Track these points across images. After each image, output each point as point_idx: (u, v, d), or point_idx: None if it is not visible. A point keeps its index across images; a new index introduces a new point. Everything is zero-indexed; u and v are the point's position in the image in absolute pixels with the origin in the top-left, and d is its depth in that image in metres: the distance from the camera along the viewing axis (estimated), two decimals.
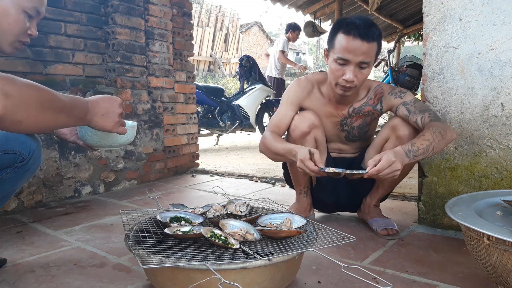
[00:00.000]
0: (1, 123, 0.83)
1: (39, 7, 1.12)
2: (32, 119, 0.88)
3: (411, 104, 1.49)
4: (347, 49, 1.41)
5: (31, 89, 0.87)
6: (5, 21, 1.06)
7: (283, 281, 1.07)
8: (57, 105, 0.92)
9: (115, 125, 1.07)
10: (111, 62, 2.54)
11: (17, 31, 1.09)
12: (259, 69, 5.17)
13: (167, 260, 0.96)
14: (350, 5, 6.18)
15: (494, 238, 0.88)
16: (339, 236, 1.12)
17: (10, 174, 1.29)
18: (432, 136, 1.31)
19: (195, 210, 1.37)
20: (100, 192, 2.46)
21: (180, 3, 3.00)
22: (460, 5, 1.52)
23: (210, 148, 5.16)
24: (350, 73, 1.43)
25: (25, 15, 1.09)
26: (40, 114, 0.89)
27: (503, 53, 1.44)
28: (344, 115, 1.61)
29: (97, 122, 1.05)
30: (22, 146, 1.29)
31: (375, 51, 1.45)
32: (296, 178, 1.71)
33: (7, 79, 0.83)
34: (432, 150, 1.32)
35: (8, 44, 1.10)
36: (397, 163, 1.23)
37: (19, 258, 1.40)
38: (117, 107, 1.07)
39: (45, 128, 0.95)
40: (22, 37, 1.11)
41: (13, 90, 0.83)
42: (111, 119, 1.06)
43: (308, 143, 1.57)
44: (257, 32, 20.07)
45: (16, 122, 0.85)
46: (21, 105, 0.84)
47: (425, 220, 1.68)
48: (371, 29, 1.42)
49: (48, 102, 0.90)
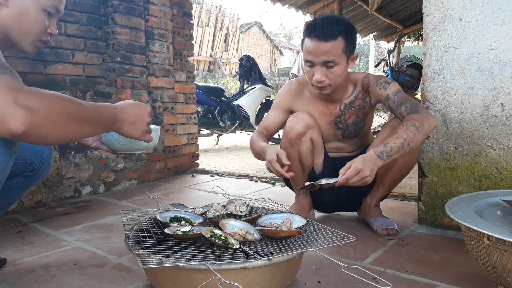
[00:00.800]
0: (28, 138, 0.82)
1: (58, 5, 1.11)
2: (58, 132, 0.86)
3: (392, 98, 1.48)
4: (308, 51, 1.45)
5: (56, 102, 0.85)
6: (26, 20, 1.05)
7: (283, 281, 1.07)
8: (83, 115, 0.91)
9: (143, 133, 1.07)
10: (111, 62, 2.54)
11: (37, 30, 1.08)
12: (259, 69, 5.17)
13: (167, 260, 0.96)
14: (350, 5, 6.18)
15: (494, 238, 0.88)
16: (339, 236, 1.12)
17: (19, 183, 1.28)
18: (405, 132, 1.31)
19: (195, 210, 1.37)
20: (100, 192, 2.46)
21: (180, 3, 3.00)
22: (460, 5, 1.52)
23: (210, 148, 5.16)
24: (318, 73, 1.45)
25: (45, 13, 1.08)
26: (66, 126, 0.87)
27: (503, 53, 1.44)
28: (337, 113, 1.62)
29: (125, 130, 1.03)
30: (34, 155, 1.28)
31: (341, 48, 1.43)
32: (294, 178, 1.71)
33: (32, 93, 0.82)
34: (409, 145, 1.31)
35: (29, 43, 1.09)
36: (365, 170, 1.24)
37: (19, 258, 1.40)
38: (146, 116, 1.06)
39: (71, 139, 0.94)
40: (42, 36, 1.10)
41: (39, 104, 0.81)
42: (139, 128, 1.05)
43: (305, 144, 1.57)
44: (257, 32, 20.08)
45: (42, 136, 0.83)
46: (47, 120, 0.82)
47: (425, 220, 1.68)
48: (331, 27, 1.41)
49: (74, 113, 0.88)
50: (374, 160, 1.28)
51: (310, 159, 1.62)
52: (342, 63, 1.46)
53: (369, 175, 1.25)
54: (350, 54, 1.48)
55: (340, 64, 1.45)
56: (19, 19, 1.04)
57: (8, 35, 1.06)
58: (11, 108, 0.78)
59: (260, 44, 19.92)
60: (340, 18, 1.48)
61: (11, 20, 1.04)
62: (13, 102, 0.78)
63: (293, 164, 1.64)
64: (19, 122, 0.78)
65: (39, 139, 0.84)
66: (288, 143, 1.58)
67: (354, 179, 1.25)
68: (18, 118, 0.78)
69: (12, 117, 0.78)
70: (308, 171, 1.66)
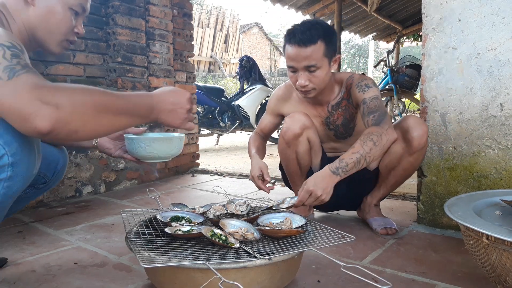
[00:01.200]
0: (57, 135, 0.79)
1: (84, 4, 1.10)
2: (89, 127, 0.83)
3: (368, 103, 1.48)
4: (290, 57, 1.46)
5: (83, 95, 0.82)
6: (53, 20, 1.04)
7: (283, 280, 1.08)
8: (115, 107, 0.87)
9: (183, 121, 1.01)
10: (112, 62, 2.54)
11: (64, 30, 1.07)
12: (259, 70, 5.17)
13: (168, 260, 0.97)
14: (350, 6, 6.18)
15: (493, 238, 0.89)
16: (339, 236, 1.13)
17: (29, 194, 1.27)
18: (362, 147, 1.32)
19: (196, 210, 1.38)
20: (101, 191, 2.46)
21: (180, 4, 3.01)
22: (459, 6, 1.52)
23: (210, 148, 5.16)
24: (301, 78, 1.47)
25: (72, 12, 1.06)
26: (96, 119, 0.84)
27: (502, 54, 1.44)
28: (326, 114, 1.64)
29: (164, 119, 0.98)
30: (47, 168, 1.25)
31: (321, 51, 1.44)
32: (293, 179, 1.72)
33: (56, 89, 0.79)
34: (365, 160, 1.32)
35: (56, 43, 1.08)
36: (317, 191, 1.27)
37: (20, 257, 1.41)
38: (185, 102, 1.00)
39: (104, 132, 0.90)
40: (69, 35, 1.09)
41: (64, 100, 0.78)
42: (179, 116, 0.99)
43: (302, 144, 1.58)
44: (257, 32, 20.07)
45: (72, 132, 0.81)
46: (75, 114, 0.80)
47: (424, 219, 1.69)
48: (310, 32, 1.42)
49: (104, 105, 0.85)
50: (328, 177, 1.29)
51: (308, 159, 1.63)
52: (324, 66, 1.47)
53: (322, 194, 1.28)
54: (332, 56, 1.49)
55: (322, 67, 1.46)
56: (46, 18, 1.03)
57: (34, 35, 1.04)
58: (36, 106, 0.76)
59: (260, 44, 19.92)
60: (318, 22, 1.49)
61: (38, 19, 1.02)
62: (38, 100, 0.76)
63: (291, 165, 1.65)
64: (45, 120, 0.76)
65: (68, 135, 0.81)
66: (285, 143, 1.59)
67: (309, 200, 1.29)
68: (44, 116, 0.76)
69: (38, 115, 0.76)
70: (306, 171, 1.67)
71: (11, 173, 0.90)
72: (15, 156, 0.89)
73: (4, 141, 0.87)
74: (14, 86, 0.77)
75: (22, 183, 0.94)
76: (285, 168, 1.71)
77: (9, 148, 0.88)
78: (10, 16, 1.01)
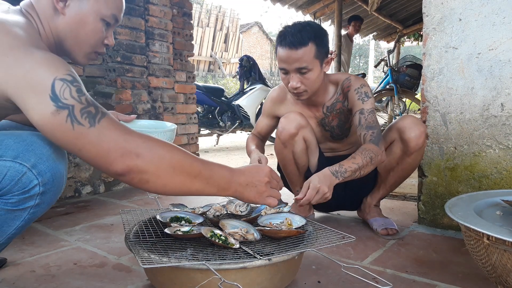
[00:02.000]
0: (130, 180, 0.84)
1: (118, 15, 1.04)
2: (161, 181, 0.85)
3: (365, 115, 1.49)
4: (281, 59, 1.46)
5: (164, 150, 0.85)
6: (83, 30, 0.98)
7: (283, 281, 1.07)
8: (191, 169, 0.88)
9: (261, 195, 0.98)
10: (111, 62, 2.54)
11: (94, 42, 1.02)
12: (259, 69, 5.16)
13: (167, 260, 0.97)
14: (350, 5, 6.19)
15: (494, 238, 0.88)
16: (339, 236, 1.12)
17: None
18: (362, 160, 1.35)
19: (195, 210, 1.37)
20: (100, 192, 2.46)
21: (180, 3, 3.00)
22: (460, 5, 1.52)
23: (210, 148, 5.16)
24: (293, 80, 1.47)
25: (103, 23, 1.01)
26: (170, 176, 0.86)
27: (502, 53, 1.44)
28: (321, 115, 1.63)
29: (240, 192, 0.96)
30: None
31: (312, 53, 1.43)
32: (291, 179, 1.71)
33: (141, 138, 0.84)
34: (359, 173, 1.36)
35: (84, 55, 1.03)
36: (323, 187, 1.27)
37: (19, 258, 1.40)
38: (263, 176, 0.99)
39: (174, 191, 0.90)
40: (98, 47, 1.04)
41: (145, 150, 0.83)
42: (256, 190, 0.98)
43: (298, 144, 1.57)
44: (257, 32, 20.07)
45: (143, 181, 0.84)
46: (151, 165, 0.83)
47: (425, 220, 1.68)
48: (301, 34, 1.41)
49: (181, 165, 0.87)
50: (329, 178, 1.31)
51: (305, 159, 1.62)
52: (315, 68, 1.46)
53: (328, 191, 1.28)
54: (324, 58, 1.48)
55: (314, 69, 1.45)
56: (76, 28, 0.98)
57: (62, 45, 1.00)
58: (120, 149, 0.81)
59: (260, 44, 19.91)
60: (309, 24, 1.48)
61: (67, 29, 0.98)
62: (122, 148, 0.81)
63: (289, 165, 1.64)
64: (125, 164, 0.81)
65: (140, 183, 0.85)
66: (281, 144, 1.58)
67: (316, 198, 1.28)
68: (124, 161, 0.81)
69: (118, 157, 0.81)
70: (304, 171, 1.66)
71: (39, 201, 0.93)
72: (46, 186, 0.92)
73: (38, 171, 0.90)
74: (98, 134, 0.81)
75: (47, 208, 0.98)
76: (282, 168, 1.71)
77: (42, 178, 0.91)
78: (39, 21, 0.97)
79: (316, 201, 1.29)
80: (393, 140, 1.55)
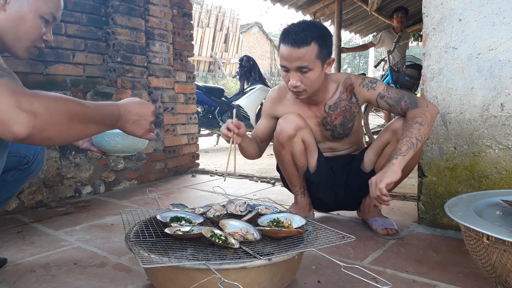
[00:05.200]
0: (32, 141, 0.83)
1: (56, 13, 1.11)
2: (62, 134, 0.87)
3: (387, 94, 1.50)
4: (283, 56, 1.46)
5: (59, 104, 0.85)
6: (22, 26, 1.05)
7: (283, 280, 1.07)
8: (86, 116, 0.91)
9: (146, 132, 1.07)
10: (111, 62, 2.54)
11: (33, 37, 1.08)
12: (259, 69, 5.17)
13: (168, 260, 0.97)
14: (350, 6, 6.18)
15: (494, 238, 0.89)
16: (339, 236, 1.13)
17: (14, 176, 1.31)
18: (410, 131, 1.34)
19: (195, 210, 1.37)
20: (100, 192, 2.46)
21: (180, 3, 3.01)
22: (459, 6, 1.52)
23: (210, 148, 5.16)
24: (293, 79, 1.47)
25: (42, 20, 1.08)
26: (69, 128, 0.88)
27: (502, 53, 1.44)
28: (322, 114, 1.63)
29: (128, 128, 1.04)
30: (27, 149, 1.30)
31: (314, 53, 1.43)
32: (290, 180, 1.71)
33: (34, 97, 0.82)
34: (417, 141, 1.33)
35: (23, 49, 1.09)
36: (385, 180, 1.27)
37: (19, 258, 1.40)
38: (149, 114, 1.06)
39: (74, 139, 0.94)
40: (37, 42, 1.10)
41: (42, 108, 0.82)
42: (142, 127, 1.05)
43: (296, 145, 1.57)
44: (257, 32, 20.06)
45: (45, 138, 0.84)
46: (51, 123, 0.83)
47: (424, 220, 1.68)
48: (304, 33, 1.41)
49: (77, 115, 0.89)
50: (386, 167, 1.30)
51: (304, 159, 1.62)
52: (316, 68, 1.46)
53: (398, 171, 1.28)
54: (325, 58, 1.48)
55: (315, 69, 1.45)
56: (16, 24, 1.04)
57: (2, 39, 1.05)
58: (15, 113, 0.78)
59: (260, 44, 19.91)
60: (313, 23, 1.48)
61: (7, 24, 1.03)
62: (16, 106, 0.78)
63: (287, 166, 1.64)
64: (23, 126, 0.79)
65: (42, 141, 0.85)
66: (280, 145, 1.58)
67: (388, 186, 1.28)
68: (22, 122, 0.79)
69: (16, 122, 0.78)
70: (303, 172, 1.66)
71: None
72: None
73: None
74: None
75: None
76: (282, 169, 1.71)
77: None
78: None
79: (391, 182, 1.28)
80: (388, 141, 1.55)
